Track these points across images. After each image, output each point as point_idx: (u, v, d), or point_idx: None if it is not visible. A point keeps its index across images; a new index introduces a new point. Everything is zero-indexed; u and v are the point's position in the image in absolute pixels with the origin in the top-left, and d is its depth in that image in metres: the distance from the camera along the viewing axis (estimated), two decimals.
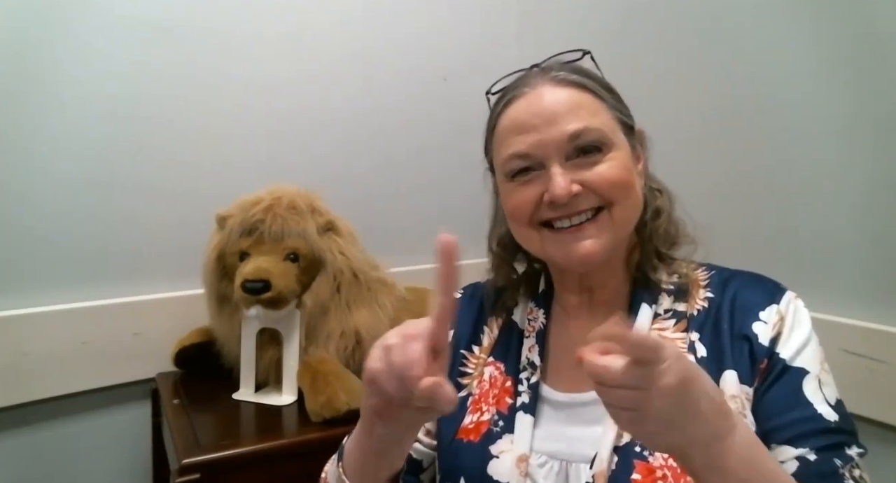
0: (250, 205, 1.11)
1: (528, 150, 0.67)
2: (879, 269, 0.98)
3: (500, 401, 0.74)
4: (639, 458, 0.62)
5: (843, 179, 1.02)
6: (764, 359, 0.65)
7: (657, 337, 0.57)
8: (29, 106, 1.16)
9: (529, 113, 0.68)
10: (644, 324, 0.69)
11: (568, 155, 0.67)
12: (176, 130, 1.31)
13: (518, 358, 0.76)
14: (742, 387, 0.64)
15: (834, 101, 1.02)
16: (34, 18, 1.15)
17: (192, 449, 0.96)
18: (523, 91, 0.70)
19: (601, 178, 0.66)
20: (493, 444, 0.71)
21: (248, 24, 1.36)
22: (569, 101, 0.68)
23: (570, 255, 0.68)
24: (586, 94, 0.69)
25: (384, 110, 1.55)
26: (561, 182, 0.65)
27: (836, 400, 0.65)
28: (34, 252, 1.19)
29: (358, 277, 1.17)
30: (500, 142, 0.71)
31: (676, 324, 0.70)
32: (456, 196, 1.67)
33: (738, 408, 0.63)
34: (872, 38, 0.97)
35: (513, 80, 0.74)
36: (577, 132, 0.66)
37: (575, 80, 0.69)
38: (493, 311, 0.82)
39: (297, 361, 1.12)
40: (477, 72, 1.67)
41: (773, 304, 0.68)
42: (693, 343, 0.68)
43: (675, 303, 0.71)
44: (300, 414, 1.09)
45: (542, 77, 0.70)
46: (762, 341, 0.66)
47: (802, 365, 0.65)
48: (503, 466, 0.69)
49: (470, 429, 0.73)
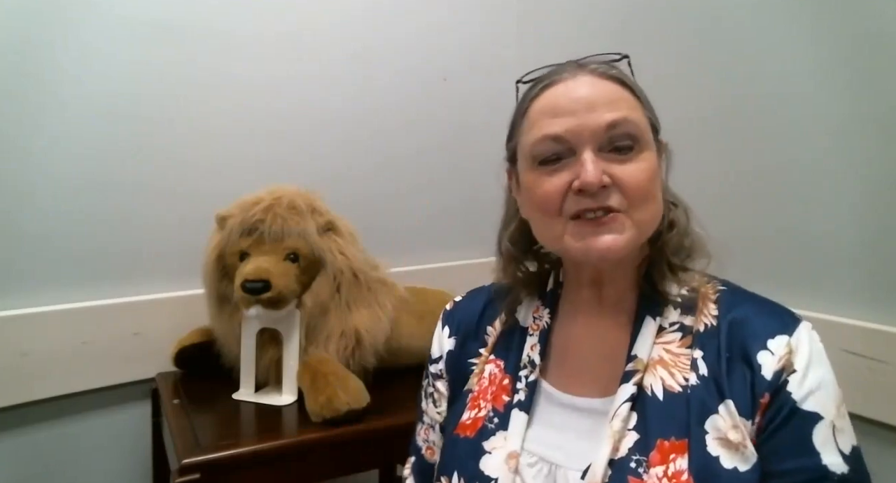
0: (250, 205, 1.11)
1: (563, 134, 0.65)
2: (879, 269, 0.98)
3: (497, 398, 0.74)
4: (633, 475, 0.61)
5: (843, 179, 1.02)
6: (765, 393, 0.61)
7: None
8: (29, 106, 1.16)
9: (568, 97, 0.67)
10: (647, 338, 0.68)
11: (601, 146, 0.65)
12: (176, 130, 1.31)
13: (519, 356, 0.76)
14: (741, 419, 0.61)
15: (834, 101, 1.02)
16: (34, 18, 1.15)
17: (192, 449, 0.96)
18: (563, 77, 0.69)
19: (630, 177, 0.64)
20: (486, 440, 0.71)
21: (248, 24, 1.36)
22: (609, 92, 0.66)
23: (590, 247, 0.65)
24: (626, 91, 0.68)
25: (384, 110, 1.55)
26: (592, 169, 0.63)
27: (851, 448, 0.60)
28: (34, 252, 1.19)
29: (358, 277, 1.17)
30: (532, 124, 0.69)
31: (682, 338, 0.67)
32: (456, 196, 1.67)
33: (740, 439, 0.60)
34: (872, 38, 0.97)
35: (548, 71, 0.72)
36: (615, 121, 0.64)
37: (615, 75, 0.68)
38: (500, 306, 0.81)
39: (297, 361, 1.12)
40: (477, 72, 1.68)
41: (784, 334, 0.63)
42: (696, 361, 0.65)
43: (683, 316, 0.69)
44: (300, 414, 1.09)
45: (581, 69, 0.69)
46: (764, 373, 0.61)
47: (815, 409, 0.60)
48: (494, 462, 0.69)
49: (467, 425, 0.74)
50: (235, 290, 1.08)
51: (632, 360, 0.66)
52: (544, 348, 0.74)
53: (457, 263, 1.67)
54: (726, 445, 0.60)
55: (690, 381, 0.64)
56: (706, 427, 0.61)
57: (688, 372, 0.65)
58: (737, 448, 0.60)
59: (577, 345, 0.74)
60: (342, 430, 1.04)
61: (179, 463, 0.92)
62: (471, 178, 1.62)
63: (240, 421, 1.09)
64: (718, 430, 0.61)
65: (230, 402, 1.14)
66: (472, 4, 1.67)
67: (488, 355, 0.79)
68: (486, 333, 0.81)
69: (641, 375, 0.65)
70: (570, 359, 0.73)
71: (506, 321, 0.80)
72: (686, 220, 0.73)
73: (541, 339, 0.75)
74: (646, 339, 0.67)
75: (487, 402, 0.74)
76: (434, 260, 1.65)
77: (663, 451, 0.61)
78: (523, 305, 0.80)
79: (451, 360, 0.82)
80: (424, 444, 0.84)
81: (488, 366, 0.78)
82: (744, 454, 0.59)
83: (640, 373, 0.65)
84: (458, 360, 0.82)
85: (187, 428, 1.03)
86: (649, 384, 0.65)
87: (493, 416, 0.73)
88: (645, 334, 0.68)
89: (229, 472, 0.96)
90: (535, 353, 0.74)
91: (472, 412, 0.75)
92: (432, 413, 0.84)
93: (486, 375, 0.77)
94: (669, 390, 0.64)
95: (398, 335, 1.23)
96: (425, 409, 0.85)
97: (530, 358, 0.74)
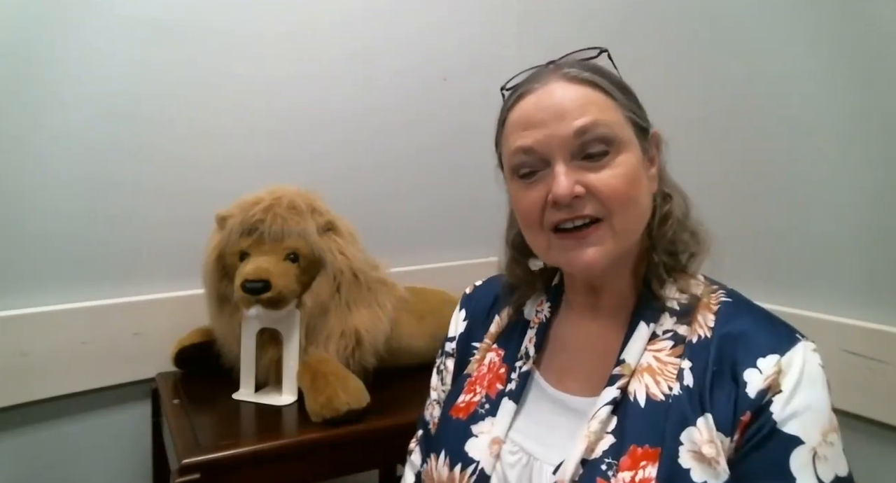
0: (250, 205, 1.11)
1: (534, 145, 0.66)
2: (879, 269, 0.98)
3: (492, 385, 0.76)
4: (602, 477, 0.61)
5: (843, 179, 1.02)
6: (747, 411, 0.59)
7: None
8: (29, 106, 1.16)
9: (538, 108, 0.67)
10: (638, 343, 0.67)
11: (574, 153, 0.65)
12: (176, 130, 1.31)
13: (519, 347, 0.77)
14: (719, 435, 0.60)
15: (834, 102, 1.02)
16: (34, 18, 1.15)
17: (192, 449, 0.96)
18: (534, 87, 0.69)
19: (604, 185, 0.64)
20: (475, 424, 0.74)
21: (248, 24, 1.36)
22: (578, 97, 0.66)
23: (572, 262, 0.67)
24: (598, 93, 0.67)
25: (384, 110, 1.55)
26: (564, 181, 0.64)
27: (833, 477, 0.58)
28: (34, 252, 1.19)
29: (358, 277, 1.17)
30: (508, 135, 0.70)
31: (673, 347, 0.66)
32: (456, 196, 1.67)
33: (714, 454, 0.59)
34: (873, 38, 0.97)
35: (526, 77, 0.73)
36: (584, 127, 0.64)
37: (587, 78, 0.68)
38: (507, 302, 0.83)
39: (297, 361, 1.12)
40: (477, 72, 1.68)
41: (776, 353, 0.61)
42: (683, 371, 0.64)
43: (678, 324, 0.68)
44: (300, 414, 1.09)
45: (554, 74, 0.69)
46: (749, 391, 0.60)
47: (796, 432, 0.58)
48: (479, 446, 0.71)
49: (461, 407, 0.77)
50: (235, 290, 1.08)
51: (619, 364, 0.67)
52: (541, 341, 0.76)
53: (457, 263, 1.67)
54: (699, 459, 0.59)
55: (674, 390, 0.63)
56: (681, 438, 0.61)
57: (673, 381, 0.64)
58: (710, 463, 0.59)
59: (573, 341, 0.75)
60: (342, 430, 1.04)
61: (179, 463, 0.92)
62: (471, 178, 1.61)
63: (240, 421, 1.09)
64: (694, 442, 0.60)
65: (230, 402, 1.14)
66: (472, 4, 1.67)
67: (491, 343, 0.81)
68: (493, 321, 0.84)
69: (627, 380, 0.66)
70: (565, 354, 0.75)
71: (513, 313, 0.82)
72: (685, 211, 0.72)
73: (539, 332, 0.77)
74: (636, 344, 0.67)
75: (483, 389, 0.77)
76: (434, 260, 1.65)
77: (635, 457, 0.61)
78: (530, 299, 0.82)
79: (461, 342, 0.86)
80: (431, 419, 0.86)
81: (489, 354, 0.80)
82: (716, 470, 0.58)
83: (626, 378, 0.66)
84: (465, 343, 0.85)
85: (187, 428, 1.03)
86: (633, 390, 0.65)
87: (485, 402, 0.75)
88: (636, 339, 0.68)
89: (229, 472, 0.96)
90: (532, 346, 0.76)
91: (468, 396, 0.77)
92: (439, 389, 0.87)
93: (485, 362, 0.80)
94: (652, 398, 0.64)
95: (398, 335, 1.23)
96: (434, 386, 0.88)
97: (526, 349, 0.76)
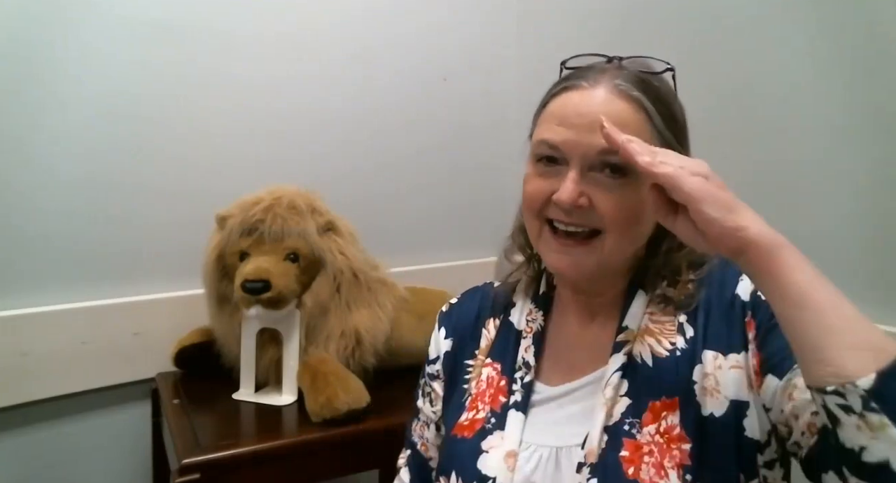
0: (250, 205, 1.11)
1: (559, 144, 0.67)
2: (879, 269, 0.98)
3: (495, 400, 0.75)
4: (627, 436, 0.64)
5: (843, 179, 1.02)
6: (748, 312, 0.66)
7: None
8: (29, 106, 1.16)
9: (576, 111, 0.67)
10: (640, 308, 0.71)
11: (592, 166, 0.66)
12: (176, 130, 1.31)
13: (515, 358, 0.77)
14: (734, 356, 0.65)
15: (834, 101, 1.02)
16: (34, 18, 1.15)
17: (192, 449, 0.96)
18: (582, 84, 0.68)
19: (608, 208, 0.65)
20: (484, 440, 0.73)
21: (248, 24, 1.36)
22: (616, 115, 0.65)
23: (551, 263, 0.71)
24: (639, 115, 0.67)
25: (384, 110, 1.55)
26: (570, 188, 0.65)
27: None
28: (34, 252, 1.19)
29: (358, 277, 1.17)
30: (542, 122, 0.71)
31: (665, 308, 0.71)
32: (456, 196, 1.67)
33: (713, 385, 0.64)
34: (873, 38, 0.97)
35: (585, 65, 0.72)
36: (608, 150, 0.63)
37: (635, 97, 0.67)
38: (492, 312, 0.83)
39: (297, 361, 1.12)
40: (477, 72, 1.68)
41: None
42: (682, 325, 0.69)
43: (667, 288, 0.72)
44: (300, 414, 1.09)
45: (606, 77, 0.68)
46: (744, 298, 0.67)
47: None
48: (492, 461, 0.70)
49: (465, 425, 0.75)
50: (235, 290, 1.08)
51: (622, 331, 0.70)
52: (539, 349, 0.76)
53: (457, 263, 1.67)
54: (707, 393, 0.64)
55: (678, 344, 0.68)
56: (694, 378, 0.65)
57: (674, 336, 0.68)
58: (711, 393, 0.64)
59: (571, 344, 0.76)
60: (342, 430, 1.04)
61: (179, 463, 0.92)
62: (471, 178, 1.62)
63: (240, 421, 1.09)
64: (705, 375, 0.65)
65: (230, 402, 1.14)
66: (472, 4, 1.67)
67: (484, 358, 0.80)
68: (481, 335, 0.83)
69: (631, 346, 0.69)
70: (564, 357, 0.75)
71: (500, 324, 0.82)
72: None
73: (535, 340, 0.76)
74: (636, 308, 0.71)
75: (486, 405, 0.76)
76: (434, 260, 1.65)
77: (655, 411, 0.65)
78: (517, 308, 0.81)
79: (448, 361, 0.84)
80: (420, 440, 0.86)
81: (485, 369, 0.79)
82: (717, 399, 0.63)
83: (631, 343, 0.69)
84: (454, 361, 0.83)
85: (187, 428, 1.03)
86: (638, 352, 0.69)
87: (490, 417, 0.74)
88: (635, 305, 0.71)
89: (229, 472, 0.96)
90: (530, 355, 0.75)
91: (471, 414, 0.76)
92: (428, 412, 0.86)
93: (483, 378, 0.79)
94: (658, 356, 0.68)
95: (398, 335, 1.23)
96: (421, 407, 0.87)
97: (525, 360, 0.75)
